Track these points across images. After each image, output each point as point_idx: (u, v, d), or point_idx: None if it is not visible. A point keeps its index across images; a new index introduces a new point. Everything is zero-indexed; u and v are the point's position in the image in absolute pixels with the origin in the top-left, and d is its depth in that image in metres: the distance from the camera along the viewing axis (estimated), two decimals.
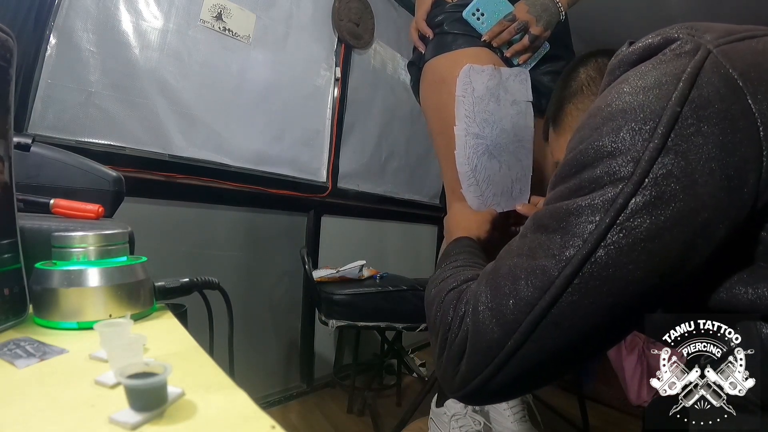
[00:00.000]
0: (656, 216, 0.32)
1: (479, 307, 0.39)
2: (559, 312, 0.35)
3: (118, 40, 1.29)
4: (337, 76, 1.95)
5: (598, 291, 0.34)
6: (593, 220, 0.34)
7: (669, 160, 0.32)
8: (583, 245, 0.34)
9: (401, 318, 1.41)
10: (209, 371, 0.32)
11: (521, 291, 0.36)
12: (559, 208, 0.37)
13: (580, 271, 0.34)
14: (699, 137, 0.32)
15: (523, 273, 0.37)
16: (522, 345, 0.36)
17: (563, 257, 0.35)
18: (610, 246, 0.33)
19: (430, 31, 0.93)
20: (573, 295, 0.34)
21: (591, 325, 0.35)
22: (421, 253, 2.56)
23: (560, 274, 0.34)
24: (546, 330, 0.35)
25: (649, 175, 0.33)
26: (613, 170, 0.34)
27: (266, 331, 1.71)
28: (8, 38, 0.38)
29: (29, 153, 0.64)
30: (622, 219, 0.33)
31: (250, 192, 1.61)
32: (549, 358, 0.37)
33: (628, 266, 0.33)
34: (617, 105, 0.36)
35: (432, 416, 0.99)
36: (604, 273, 0.33)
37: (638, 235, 0.33)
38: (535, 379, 0.39)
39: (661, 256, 0.33)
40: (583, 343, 0.36)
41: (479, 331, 0.38)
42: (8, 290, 0.38)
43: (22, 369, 0.30)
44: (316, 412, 1.67)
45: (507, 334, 0.36)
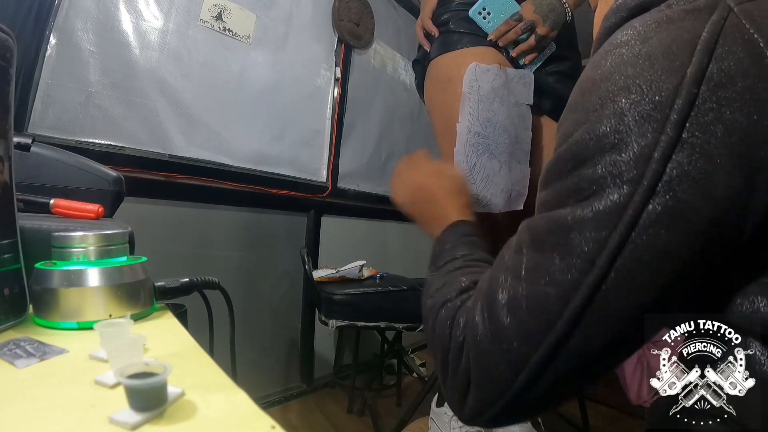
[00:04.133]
0: (673, 229, 0.27)
1: (478, 338, 0.34)
2: (569, 347, 0.30)
3: (118, 40, 1.29)
4: (337, 76, 1.95)
5: (611, 319, 0.29)
6: (599, 238, 0.28)
7: (685, 157, 0.27)
8: (591, 269, 0.29)
9: (401, 318, 1.41)
10: (209, 371, 0.32)
11: (525, 324, 0.32)
12: (557, 221, 0.31)
13: (591, 301, 0.29)
14: (719, 126, 0.27)
15: (524, 302, 0.32)
16: (533, 382, 0.32)
17: (568, 284, 0.30)
18: (622, 269, 0.28)
19: (436, 30, 0.93)
20: (584, 329, 0.30)
21: (604, 350, 0.31)
22: (421, 253, 2.55)
23: (567, 306, 0.30)
24: (557, 364, 0.31)
25: (663, 178, 0.27)
26: (619, 169, 0.28)
27: (266, 331, 1.71)
28: (8, 38, 0.38)
29: (29, 153, 0.64)
30: (635, 236, 0.28)
31: (250, 192, 1.61)
32: (562, 385, 0.33)
33: (645, 289, 0.28)
34: (617, 80, 0.30)
35: (432, 416, 0.99)
36: (614, 302, 0.29)
37: (654, 253, 0.28)
38: (548, 404, 0.36)
39: (680, 274, 0.28)
40: (594, 364, 0.33)
41: (484, 366, 0.34)
42: (8, 290, 0.38)
43: (22, 369, 0.30)
44: (316, 412, 1.67)
45: (515, 371, 0.32)
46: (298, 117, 1.81)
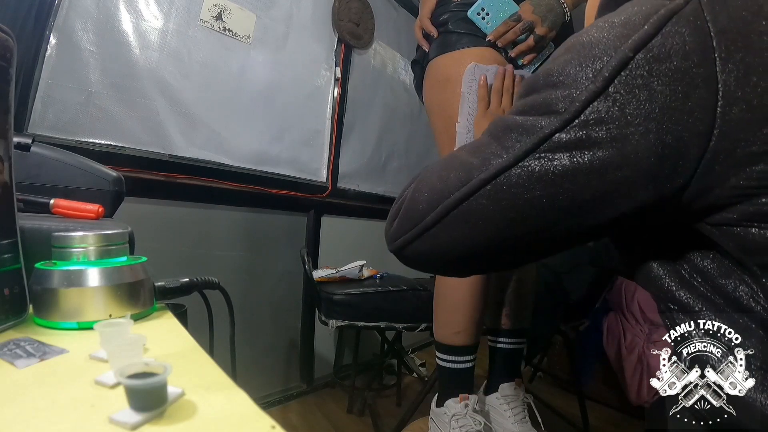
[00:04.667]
0: (575, 157, 0.33)
1: (421, 183, 0.44)
2: (467, 208, 0.38)
3: (118, 40, 1.29)
4: (337, 76, 1.95)
5: (503, 202, 0.36)
6: (521, 140, 0.35)
7: (604, 106, 0.31)
8: (506, 158, 0.36)
9: (401, 318, 1.41)
10: (209, 371, 0.32)
11: (450, 179, 0.40)
12: (507, 120, 0.38)
13: (494, 179, 0.36)
14: (644, 92, 0.30)
15: (458, 164, 0.40)
16: (434, 225, 0.40)
17: (487, 162, 0.37)
18: (526, 167, 0.35)
19: (435, 30, 0.93)
20: (481, 198, 0.37)
21: (494, 231, 0.38)
22: None
23: (478, 176, 0.37)
24: (455, 220, 0.39)
25: (580, 117, 0.32)
26: (551, 102, 0.34)
27: (266, 331, 1.71)
28: (8, 38, 0.38)
29: (29, 153, 0.64)
30: (543, 148, 0.34)
31: (250, 192, 1.61)
32: (456, 246, 0.40)
33: (535, 192, 0.35)
34: (584, 37, 0.34)
35: (432, 416, 0.99)
36: (512, 189, 0.35)
37: (552, 168, 0.34)
38: (445, 262, 0.44)
39: (570, 196, 0.34)
40: (487, 245, 0.39)
41: (412, 200, 0.43)
42: (8, 290, 0.38)
43: (22, 369, 0.30)
44: (316, 412, 1.67)
45: (427, 212, 0.41)
46: (298, 117, 1.81)
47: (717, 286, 0.34)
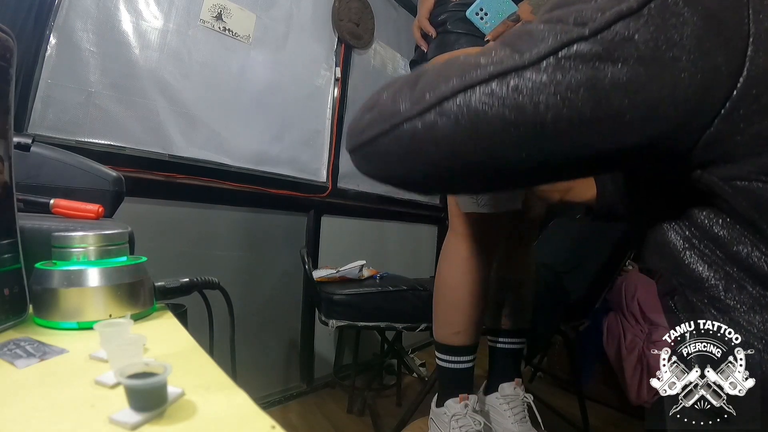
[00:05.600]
0: (596, 69, 0.31)
1: (419, 78, 0.39)
2: (468, 100, 0.34)
3: (118, 40, 1.29)
4: (337, 76, 1.95)
5: (506, 101, 0.33)
6: (538, 45, 0.33)
7: (636, 25, 0.30)
8: (518, 59, 0.33)
9: (401, 318, 1.41)
10: (209, 371, 0.32)
11: (450, 77, 0.35)
12: (525, 27, 0.36)
13: (501, 77, 0.33)
14: (679, 19, 0.30)
15: (458, 65, 0.36)
16: (414, 117, 0.36)
17: (496, 62, 0.34)
18: (540, 71, 0.32)
19: (433, 30, 0.93)
20: (483, 95, 0.33)
21: (486, 133, 0.34)
22: (421, 253, 2.55)
23: (484, 72, 0.34)
24: (441, 116, 0.35)
25: (609, 29, 0.31)
26: (580, 14, 0.32)
27: (266, 331, 1.71)
28: (8, 38, 0.38)
29: (29, 153, 0.64)
30: (563, 54, 0.32)
31: (250, 192, 1.61)
32: (436, 149, 0.36)
33: (543, 98, 0.32)
34: None
35: (432, 416, 0.99)
36: (518, 92, 0.32)
37: (569, 77, 0.31)
38: (409, 169, 0.39)
39: (581, 107, 0.31)
40: (474, 148, 0.35)
41: (395, 92, 0.40)
42: (8, 290, 0.38)
43: (22, 369, 0.30)
44: (316, 412, 1.67)
45: (420, 101, 0.36)
46: (298, 117, 1.81)
47: (730, 254, 0.34)
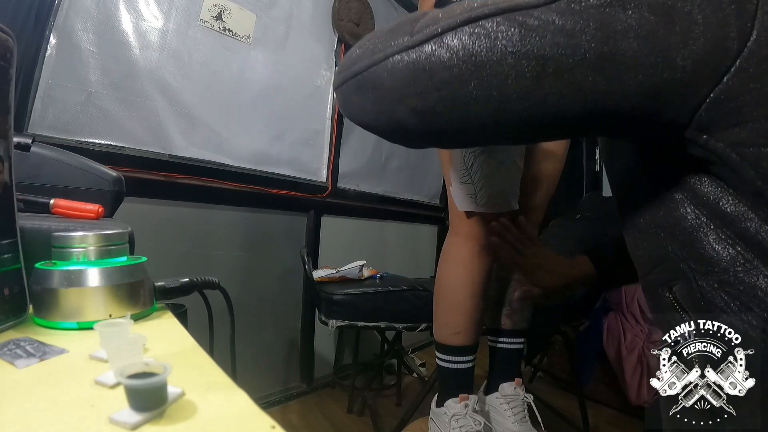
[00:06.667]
0: (606, 14, 0.30)
1: (416, 16, 0.37)
2: (466, 33, 0.32)
3: (118, 40, 1.29)
4: None
5: (511, 35, 0.31)
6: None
7: None
8: None
9: (401, 318, 1.41)
10: (209, 371, 0.32)
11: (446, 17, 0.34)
12: None
13: (514, 13, 0.31)
14: None
15: (466, 5, 0.34)
16: (412, 47, 0.34)
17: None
18: (550, 11, 0.31)
19: None
20: (488, 28, 0.32)
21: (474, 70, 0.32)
22: (421, 253, 2.56)
23: (496, 7, 0.32)
24: (440, 47, 0.33)
25: None
26: None
27: (266, 331, 1.71)
28: (8, 38, 0.38)
29: (29, 153, 0.64)
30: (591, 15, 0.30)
31: (250, 192, 1.61)
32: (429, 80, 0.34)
33: (552, 33, 0.31)
34: None
35: (432, 416, 0.99)
36: (531, 26, 0.31)
37: (579, 17, 0.30)
38: (397, 103, 0.37)
39: (587, 47, 0.30)
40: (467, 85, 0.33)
41: (394, 27, 0.37)
42: (8, 290, 0.38)
43: (22, 369, 0.30)
44: (316, 412, 1.67)
45: (410, 39, 0.35)
46: (298, 117, 1.81)
47: (739, 231, 0.33)
